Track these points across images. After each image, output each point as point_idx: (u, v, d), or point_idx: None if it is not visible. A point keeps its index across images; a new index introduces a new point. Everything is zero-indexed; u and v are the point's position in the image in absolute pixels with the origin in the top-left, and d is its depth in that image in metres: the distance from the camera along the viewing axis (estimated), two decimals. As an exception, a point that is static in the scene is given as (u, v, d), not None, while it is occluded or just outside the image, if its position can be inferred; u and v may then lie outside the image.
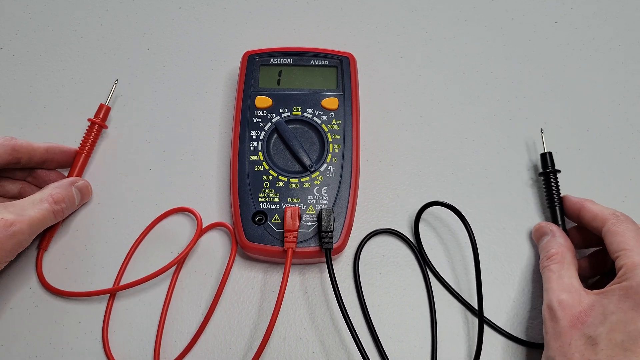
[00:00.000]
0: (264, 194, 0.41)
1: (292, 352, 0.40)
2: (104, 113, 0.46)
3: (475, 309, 0.41)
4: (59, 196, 0.40)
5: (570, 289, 0.36)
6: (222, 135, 0.48)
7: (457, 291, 0.42)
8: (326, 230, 0.39)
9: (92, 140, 0.45)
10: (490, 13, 0.55)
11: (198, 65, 0.51)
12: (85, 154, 0.45)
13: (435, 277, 0.43)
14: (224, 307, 0.41)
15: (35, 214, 0.37)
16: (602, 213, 0.39)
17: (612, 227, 0.37)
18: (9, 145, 0.39)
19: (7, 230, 0.35)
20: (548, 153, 0.45)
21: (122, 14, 0.54)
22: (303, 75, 0.47)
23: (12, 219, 0.36)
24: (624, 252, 0.36)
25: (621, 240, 0.36)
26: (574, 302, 0.35)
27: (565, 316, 0.35)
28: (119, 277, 0.42)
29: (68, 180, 0.42)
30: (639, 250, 0.35)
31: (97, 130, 0.46)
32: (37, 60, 0.51)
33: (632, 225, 0.37)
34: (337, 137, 0.44)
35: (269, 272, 0.42)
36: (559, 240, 0.40)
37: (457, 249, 0.44)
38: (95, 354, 0.39)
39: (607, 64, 0.52)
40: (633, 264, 0.35)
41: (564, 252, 0.39)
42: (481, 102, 0.50)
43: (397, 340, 0.40)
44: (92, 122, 0.46)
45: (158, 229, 0.44)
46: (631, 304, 0.33)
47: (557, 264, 0.38)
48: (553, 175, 0.44)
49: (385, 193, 0.46)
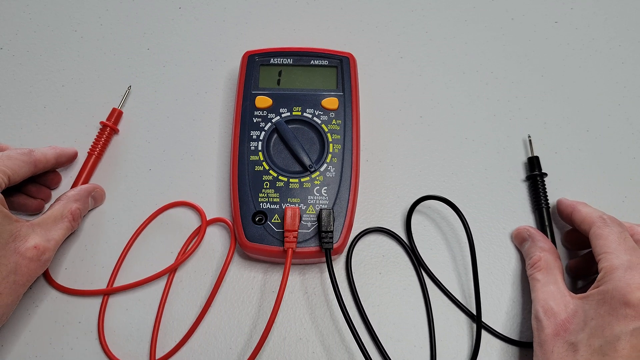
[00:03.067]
0: (264, 194, 0.41)
1: (292, 352, 0.40)
2: (116, 117, 0.47)
3: (471, 312, 0.41)
4: (77, 212, 0.40)
5: (556, 295, 0.36)
6: (222, 135, 0.48)
7: (452, 292, 0.42)
8: (326, 230, 0.39)
9: (103, 144, 0.45)
10: (490, 13, 0.55)
11: (198, 65, 0.51)
12: (95, 156, 0.45)
13: (429, 275, 0.42)
14: (224, 307, 0.41)
15: (59, 235, 0.38)
16: (589, 216, 0.39)
17: (597, 230, 0.37)
18: (31, 162, 0.39)
19: (39, 260, 0.36)
20: (535, 157, 0.46)
21: (122, 14, 0.54)
22: (303, 75, 0.47)
23: (42, 246, 0.36)
24: (605, 254, 0.36)
25: (604, 243, 0.36)
26: (559, 310, 0.35)
27: (550, 324, 0.35)
28: (114, 274, 0.42)
29: (85, 190, 0.42)
30: (619, 253, 0.35)
31: (109, 133, 0.46)
32: (37, 60, 0.51)
33: (617, 228, 0.37)
34: (337, 137, 0.44)
35: (268, 272, 0.42)
36: (539, 244, 0.40)
37: (457, 249, 0.44)
38: (95, 354, 0.39)
39: (607, 64, 0.52)
40: (611, 267, 0.34)
41: (546, 257, 0.39)
42: (481, 102, 0.50)
43: (396, 340, 0.40)
44: (105, 125, 0.46)
45: (158, 225, 0.44)
46: (607, 309, 0.33)
47: (541, 272, 0.38)
48: (540, 178, 0.45)
49: (385, 193, 0.46)
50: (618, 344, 0.32)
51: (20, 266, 0.35)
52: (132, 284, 0.41)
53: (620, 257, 0.35)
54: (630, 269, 0.34)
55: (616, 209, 0.45)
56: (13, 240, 0.35)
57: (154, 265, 0.42)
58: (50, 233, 0.37)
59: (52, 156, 0.42)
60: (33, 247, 0.36)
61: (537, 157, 0.46)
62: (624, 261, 0.34)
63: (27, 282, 0.36)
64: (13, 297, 0.35)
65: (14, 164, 0.37)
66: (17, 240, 0.35)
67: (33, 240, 0.36)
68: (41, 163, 0.40)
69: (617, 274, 0.34)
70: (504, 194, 0.46)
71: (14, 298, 0.35)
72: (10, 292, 0.35)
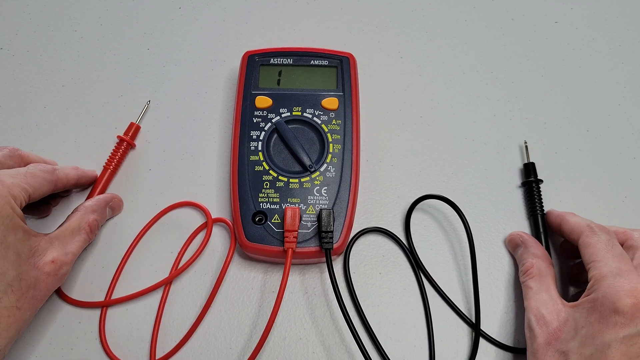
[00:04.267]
0: (264, 194, 0.41)
1: (292, 352, 0.40)
2: (134, 132, 0.46)
3: (470, 320, 0.41)
4: (95, 224, 0.40)
5: (548, 303, 0.36)
6: (222, 135, 0.48)
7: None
8: (326, 231, 0.39)
9: (119, 158, 0.45)
10: (490, 13, 0.55)
11: (198, 65, 0.51)
12: (111, 170, 0.45)
13: (427, 278, 0.42)
14: (224, 307, 0.41)
15: (76, 248, 0.38)
16: (577, 225, 0.39)
17: (586, 239, 0.37)
18: (53, 180, 0.39)
19: (57, 274, 0.36)
20: (531, 163, 0.45)
21: (122, 14, 0.54)
22: (303, 75, 0.47)
23: (60, 260, 0.36)
24: (594, 263, 0.36)
25: (592, 251, 0.36)
26: (551, 318, 0.36)
27: (542, 333, 0.35)
28: (116, 278, 0.42)
29: (103, 200, 0.42)
30: (608, 260, 0.35)
31: (125, 147, 0.46)
32: (37, 60, 0.51)
33: (604, 236, 0.37)
34: (337, 137, 0.44)
35: (268, 272, 0.42)
36: (531, 250, 0.40)
37: (457, 249, 0.44)
38: (95, 354, 0.39)
39: (607, 64, 0.52)
40: (600, 275, 0.34)
41: (538, 264, 0.39)
42: (481, 102, 0.50)
43: (396, 340, 0.40)
44: (121, 140, 0.46)
45: (160, 227, 0.44)
46: (597, 317, 0.33)
47: (533, 279, 0.38)
48: (535, 184, 0.44)
49: (385, 193, 0.46)
50: (608, 351, 0.32)
51: (39, 281, 0.35)
52: (133, 295, 0.41)
53: (608, 264, 0.35)
54: (619, 275, 0.34)
55: (616, 209, 0.45)
56: (32, 256, 0.35)
57: (156, 266, 0.42)
58: (67, 246, 0.37)
59: (74, 177, 0.42)
60: (50, 262, 0.36)
61: (533, 163, 0.45)
62: (612, 268, 0.34)
63: (45, 296, 0.36)
64: (31, 311, 0.35)
65: (36, 181, 0.37)
66: (36, 255, 0.35)
67: (51, 255, 0.36)
68: (61, 183, 0.40)
69: (606, 281, 0.34)
70: (504, 194, 0.46)
71: (32, 313, 0.35)
72: (29, 307, 0.35)
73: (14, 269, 0.34)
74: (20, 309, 0.34)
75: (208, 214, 0.43)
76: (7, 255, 0.33)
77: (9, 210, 0.34)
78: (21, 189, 0.35)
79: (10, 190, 0.34)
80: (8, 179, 0.35)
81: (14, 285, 0.34)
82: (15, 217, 0.34)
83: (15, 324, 0.34)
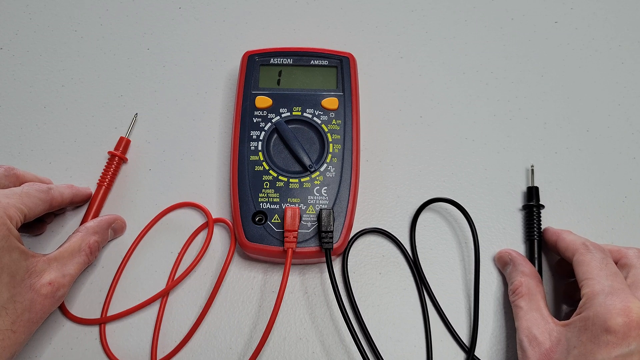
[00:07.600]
0: (264, 194, 0.41)
1: (292, 352, 0.40)
2: (124, 146, 0.46)
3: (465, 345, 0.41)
4: (95, 245, 0.39)
5: (539, 323, 0.36)
6: (222, 135, 0.48)
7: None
8: (326, 230, 0.39)
9: (112, 174, 0.44)
10: (490, 13, 0.55)
11: (198, 65, 0.51)
12: (105, 186, 0.44)
13: (421, 279, 0.42)
14: (224, 307, 0.41)
15: (74, 270, 0.37)
16: (573, 243, 0.39)
17: (580, 257, 0.37)
18: (48, 200, 0.38)
19: (54, 297, 0.35)
20: (534, 187, 0.45)
21: (122, 14, 0.54)
22: (303, 75, 0.47)
23: (58, 282, 0.35)
24: (587, 280, 0.35)
25: (586, 269, 0.36)
26: (543, 339, 0.35)
27: (535, 354, 0.35)
28: (117, 276, 0.42)
29: (106, 221, 0.41)
30: (601, 279, 0.35)
31: (117, 163, 0.45)
32: (37, 60, 0.51)
33: (599, 254, 0.37)
34: (337, 137, 0.44)
35: (268, 272, 0.42)
36: (520, 269, 0.40)
37: (457, 248, 0.44)
38: (95, 354, 0.39)
39: (607, 64, 0.52)
40: (592, 292, 0.34)
41: (527, 283, 0.39)
42: (481, 102, 0.50)
43: (396, 340, 0.40)
44: (113, 155, 0.45)
45: (160, 227, 0.44)
46: (589, 336, 0.33)
47: (523, 298, 0.38)
48: (536, 209, 0.44)
49: (385, 193, 0.46)
50: None
51: (35, 303, 0.34)
52: (131, 309, 0.41)
53: (601, 282, 0.34)
54: (612, 294, 0.33)
55: (616, 209, 0.45)
56: (28, 277, 0.34)
57: (156, 267, 0.42)
58: (66, 268, 0.37)
59: (69, 196, 0.41)
60: (48, 284, 0.35)
61: (537, 187, 0.45)
62: (605, 286, 0.34)
63: (41, 318, 0.35)
64: (26, 334, 0.34)
65: (31, 201, 0.37)
66: (32, 276, 0.35)
67: (48, 276, 0.35)
68: (57, 202, 0.39)
69: (598, 299, 0.34)
70: (504, 195, 0.46)
71: (27, 335, 0.35)
72: (24, 329, 0.34)
73: (8, 291, 0.33)
74: (15, 332, 0.33)
75: (208, 214, 0.43)
76: (0, 277, 0.33)
77: (5, 231, 0.33)
78: (17, 209, 0.35)
79: (5, 210, 0.34)
80: (4, 199, 0.35)
81: (8, 308, 0.33)
82: (11, 237, 0.33)
83: (10, 347, 0.33)
